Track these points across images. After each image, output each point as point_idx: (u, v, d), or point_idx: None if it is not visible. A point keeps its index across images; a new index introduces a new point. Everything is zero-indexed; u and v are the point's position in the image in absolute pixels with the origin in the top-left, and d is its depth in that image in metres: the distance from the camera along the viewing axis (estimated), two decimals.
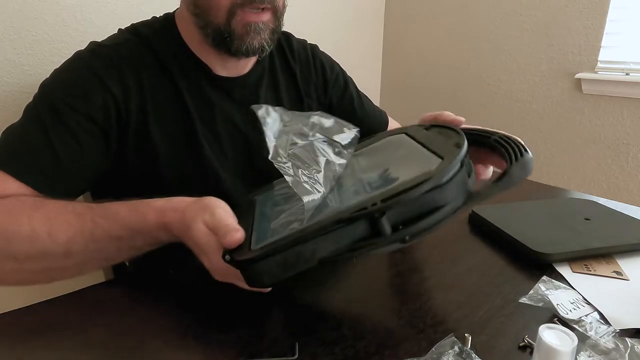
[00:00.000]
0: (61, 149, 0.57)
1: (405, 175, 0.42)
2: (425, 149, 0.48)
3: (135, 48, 0.65)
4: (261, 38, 0.62)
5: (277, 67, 0.76)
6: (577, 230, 0.61)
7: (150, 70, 0.65)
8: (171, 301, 0.49)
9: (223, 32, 0.61)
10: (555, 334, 0.33)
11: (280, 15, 0.64)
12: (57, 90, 0.61)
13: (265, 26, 0.62)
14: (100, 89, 0.60)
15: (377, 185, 0.44)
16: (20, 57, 0.96)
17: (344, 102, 0.85)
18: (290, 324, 0.45)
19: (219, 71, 0.69)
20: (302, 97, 0.77)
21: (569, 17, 1.42)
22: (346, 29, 1.79)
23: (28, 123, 0.59)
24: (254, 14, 0.60)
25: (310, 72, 0.80)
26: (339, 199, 0.45)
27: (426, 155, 0.46)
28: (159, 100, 0.65)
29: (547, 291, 0.49)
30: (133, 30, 0.68)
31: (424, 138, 0.52)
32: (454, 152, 0.41)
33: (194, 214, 0.46)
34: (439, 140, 0.49)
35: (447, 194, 0.39)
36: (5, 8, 0.92)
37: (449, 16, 1.74)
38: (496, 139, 0.48)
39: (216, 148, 0.69)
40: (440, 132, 0.53)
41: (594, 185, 1.47)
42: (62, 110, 0.58)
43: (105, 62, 0.62)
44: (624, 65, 1.35)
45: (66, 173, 0.58)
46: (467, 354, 0.39)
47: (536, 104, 1.55)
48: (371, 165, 0.52)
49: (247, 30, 0.61)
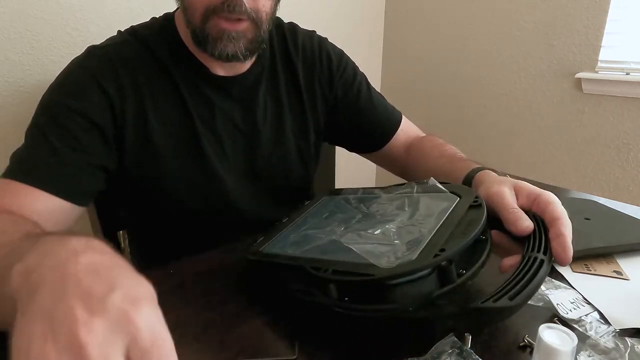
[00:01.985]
0: (65, 151, 0.57)
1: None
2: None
3: (133, 48, 0.65)
4: (235, 46, 0.60)
5: (277, 64, 0.75)
6: (577, 230, 0.60)
7: (149, 71, 0.65)
8: (171, 301, 0.49)
9: (198, 34, 0.61)
10: (555, 333, 0.33)
11: (261, 24, 0.62)
12: (53, 95, 0.61)
13: (240, 35, 0.60)
14: (95, 88, 0.60)
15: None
16: (20, 56, 0.96)
17: (350, 93, 0.80)
18: (290, 324, 0.45)
19: (217, 70, 0.68)
20: (302, 94, 0.76)
21: (570, 16, 1.42)
22: (346, 29, 1.79)
23: (30, 136, 0.59)
24: (228, 22, 0.59)
25: (315, 65, 0.77)
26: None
27: None
28: (158, 100, 0.65)
29: (547, 291, 0.49)
30: (131, 31, 0.68)
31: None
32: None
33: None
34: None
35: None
36: (6, 8, 0.92)
37: (449, 16, 1.74)
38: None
39: (217, 147, 0.69)
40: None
41: (594, 185, 1.47)
42: (59, 112, 0.58)
43: (100, 62, 0.62)
44: (625, 65, 1.35)
45: (75, 173, 0.58)
46: (467, 354, 0.39)
47: (536, 103, 1.55)
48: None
49: (220, 36, 0.59)
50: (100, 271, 0.27)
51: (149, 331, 0.24)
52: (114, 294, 0.25)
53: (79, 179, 0.59)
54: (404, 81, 1.93)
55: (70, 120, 0.58)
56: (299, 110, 0.76)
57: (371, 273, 0.38)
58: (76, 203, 0.58)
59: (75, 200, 0.58)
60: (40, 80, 0.99)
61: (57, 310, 0.24)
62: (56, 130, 0.58)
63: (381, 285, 0.37)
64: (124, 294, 0.25)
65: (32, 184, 0.55)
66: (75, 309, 0.24)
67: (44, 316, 0.24)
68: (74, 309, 0.24)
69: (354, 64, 0.84)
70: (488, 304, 0.36)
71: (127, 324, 0.24)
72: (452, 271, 0.38)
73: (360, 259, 0.41)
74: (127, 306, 0.25)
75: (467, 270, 0.39)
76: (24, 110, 0.95)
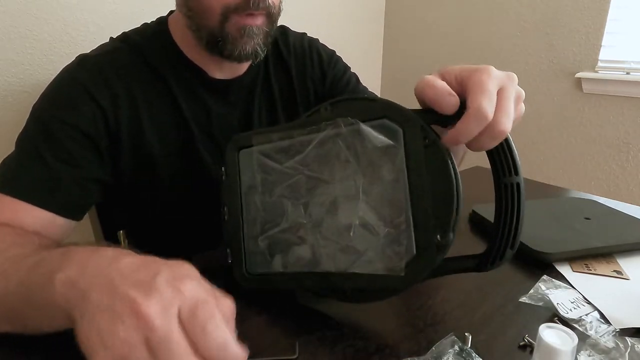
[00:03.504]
0: (57, 166, 0.56)
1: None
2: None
3: (126, 56, 0.64)
4: (254, 43, 0.60)
5: (270, 66, 0.75)
6: (577, 230, 0.61)
7: (142, 78, 0.63)
8: None
9: (216, 35, 0.60)
10: (556, 333, 0.32)
11: (274, 20, 0.62)
12: (44, 106, 0.60)
13: (260, 30, 0.60)
14: (87, 100, 0.59)
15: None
16: (20, 56, 0.96)
17: (340, 83, 0.80)
18: (290, 324, 0.45)
19: (215, 74, 0.68)
20: (296, 94, 0.76)
21: (570, 16, 1.42)
22: (346, 29, 1.79)
23: (21, 147, 0.58)
24: (248, 18, 0.58)
25: (306, 65, 0.78)
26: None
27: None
28: (153, 109, 0.64)
29: (547, 290, 0.49)
30: (124, 38, 0.66)
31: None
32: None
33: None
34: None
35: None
36: (6, 8, 0.92)
37: (449, 16, 1.74)
38: (502, 193, 0.40)
39: (213, 152, 0.68)
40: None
41: (594, 184, 1.47)
42: (51, 124, 0.57)
43: (92, 72, 0.61)
44: (625, 65, 1.35)
45: (67, 187, 0.57)
46: (467, 353, 0.39)
47: (536, 103, 1.55)
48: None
49: (241, 33, 0.59)
50: (140, 266, 0.31)
51: (193, 298, 0.29)
52: (159, 276, 0.29)
53: (72, 194, 0.57)
54: (404, 81, 1.93)
55: (62, 133, 0.57)
56: (293, 111, 0.76)
57: (390, 287, 0.40)
58: (69, 217, 0.58)
59: (69, 215, 0.57)
60: (40, 80, 0.99)
61: (115, 300, 0.28)
62: (48, 144, 0.56)
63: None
64: (168, 275, 0.30)
65: (25, 199, 0.54)
66: (131, 293, 0.28)
67: (104, 309, 0.28)
68: (129, 294, 0.28)
69: (345, 64, 0.84)
70: (496, 264, 0.40)
71: (176, 294, 0.29)
72: (450, 239, 0.38)
73: (366, 268, 0.41)
74: (173, 282, 0.29)
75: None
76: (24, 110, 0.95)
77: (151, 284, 0.29)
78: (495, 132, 0.36)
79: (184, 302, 0.28)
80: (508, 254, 0.40)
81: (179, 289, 0.29)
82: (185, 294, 0.29)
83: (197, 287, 0.30)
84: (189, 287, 0.30)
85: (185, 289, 0.29)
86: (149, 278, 0.29)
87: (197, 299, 0.29)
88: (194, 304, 0.29)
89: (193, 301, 0.29)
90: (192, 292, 0.29)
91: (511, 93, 0.38)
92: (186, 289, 0.29)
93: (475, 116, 0.35)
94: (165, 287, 0.29)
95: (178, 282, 0.29)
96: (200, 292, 0.30)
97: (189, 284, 0.30)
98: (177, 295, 0.29)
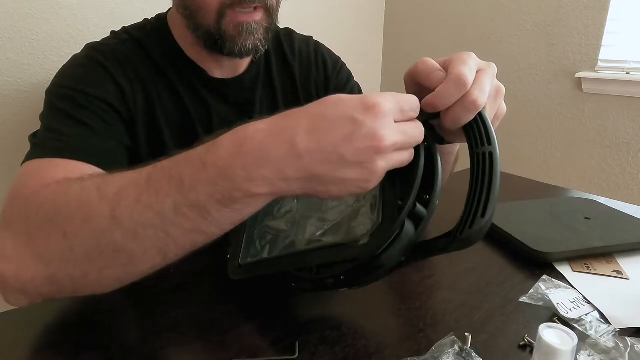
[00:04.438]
0: (95, 126, 0.55)
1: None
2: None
3: (130, 48, 0.64)
4: (255, 38, 0.59)
5: (273, 66, 0.75)
6: (577, 230, 0.61)
7: (148, 70, 0.64)
8: (171, 301, 0.49)
9: (214, 34, 0.59)
10: (556, 333, 0.33)
11: (273, 13, 0.62)
12: (64, 83, 0.58)
13: (258, 25, 0.59)
14: (109, 78, 0.59)
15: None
16: (20, 56, 0.96)
17: (343, 92, 0.80)
18: (290, 324, 0.45)
19: (214, 73, 0.68)
20: (299, 98, 0.76)
21: (570, 16, 1.42)
22: (346, 29, 1.79)
23: (52, 117, 0.56)
24: (245, 14, 0.58)
25: (311, 69, 0.78)
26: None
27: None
28: (164, 98, 0.64)
29: (547, 290, 0.49)
30: (125, 32, 0.67)
31: None
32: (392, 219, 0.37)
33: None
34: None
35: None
36: (6, 7, 0.92)
37: (449, 16, 1.74)
38: (475, 160, 0.39)
39: None
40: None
41: (594, 184, 1.47)
42: (79, 97, 0.56)
43: (107, 55, 0.61)
44: (625, 64, 1.35)
45: (111, 145, 0.56)
46: (467, 353, 0.39)
47: (536, 103, 1.55)
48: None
49: (239, 31, 0.58)
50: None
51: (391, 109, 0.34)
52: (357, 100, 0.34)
53: (114, 151, 0.57)
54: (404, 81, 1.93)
55: (90, 103, 0.56)
56: None
57: (353, 257, 0.38)
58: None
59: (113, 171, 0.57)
60: (40, 80, 0.99)
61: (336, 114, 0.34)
62: (81, 110, 0.55)
63: (368, 260, 0.38)
64: (363, 98, 0.34)
65: (71, 157, 0.51)
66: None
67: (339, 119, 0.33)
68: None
69: (349, 71, 0.84)
70: (466, 233, 0.36)
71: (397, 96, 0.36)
72: (420, 209, 0.37)
73: (334, 237, 0.41)
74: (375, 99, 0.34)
75: (430, 195, 0.37)
76: (24, 110, 0.95)
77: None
78: (469, 103, 0.37)
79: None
80: (478, 222, 0.36)
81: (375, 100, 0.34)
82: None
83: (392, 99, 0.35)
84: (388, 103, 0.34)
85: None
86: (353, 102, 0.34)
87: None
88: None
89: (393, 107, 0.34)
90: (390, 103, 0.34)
91: (489, 75, 0.39)
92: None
93: (455, 81, 0.37)
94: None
95: (380, 96, 0.34)
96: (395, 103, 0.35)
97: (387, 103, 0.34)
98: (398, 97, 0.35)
